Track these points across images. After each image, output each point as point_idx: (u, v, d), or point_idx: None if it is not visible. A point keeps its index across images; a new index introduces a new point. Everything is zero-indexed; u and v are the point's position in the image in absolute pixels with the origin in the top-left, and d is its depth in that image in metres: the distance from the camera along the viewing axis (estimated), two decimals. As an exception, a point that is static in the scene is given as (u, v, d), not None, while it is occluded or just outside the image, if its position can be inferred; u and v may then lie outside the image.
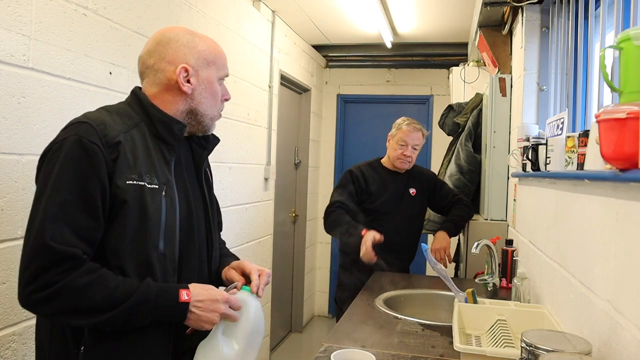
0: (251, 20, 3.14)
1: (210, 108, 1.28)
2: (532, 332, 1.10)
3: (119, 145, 1.12)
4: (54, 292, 1.02)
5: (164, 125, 1.22)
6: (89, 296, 1.05)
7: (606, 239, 1.08)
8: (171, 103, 1.23)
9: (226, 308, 1.18)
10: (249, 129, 3.14)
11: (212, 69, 1.27)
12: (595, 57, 1.74)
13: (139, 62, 1.27)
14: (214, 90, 1.28)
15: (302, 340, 4.36)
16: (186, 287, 1.15)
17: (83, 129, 1.10)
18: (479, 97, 3.19)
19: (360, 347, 1.45)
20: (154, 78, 1.23)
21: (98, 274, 1.07)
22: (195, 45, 1.24)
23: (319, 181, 4.95)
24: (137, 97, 1.24)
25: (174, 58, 1.22)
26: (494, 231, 2.57)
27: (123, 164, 1.11)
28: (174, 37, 1.24)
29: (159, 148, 1.21)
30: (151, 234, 1.14)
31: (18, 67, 1.47)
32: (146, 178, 1.14)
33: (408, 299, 2.16)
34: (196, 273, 1.28)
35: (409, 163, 2.61)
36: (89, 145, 1.08)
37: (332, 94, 4.96)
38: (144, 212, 1.13)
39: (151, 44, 1.25)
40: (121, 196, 1.10)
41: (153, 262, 1.14)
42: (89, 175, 1.07)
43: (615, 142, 0.87)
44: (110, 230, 1.11)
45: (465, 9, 3.28)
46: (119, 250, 1.11)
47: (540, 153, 1.72)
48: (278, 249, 3.87)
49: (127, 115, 1.20)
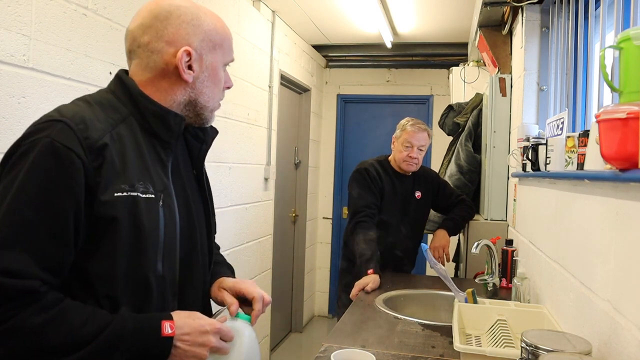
0: (251, 20, 3.14)
1: (212, 99, 1.08)
2: (532, 332, 1.10)
3: (105, 149, 0.92)
4: (3, 333, 0.83)
5: (158, 119, 1.01)
6: (46, 337, 0.85)
7: (606, 239, 1.08)
8: (167, 92, 1.03)
9: (217, 340, 0.98)
10: (249, 129, 3.14)
11: (218, 53, 1.06)
12: (595, 57, 1.74)
13: (128, 37, 1.04)
14: (217, 78, 1.08)
15: (302, 340, 4.36)
16: (169, 317, 0.95)
17: (57, 130, 0.89)
18: (479, 97, 3.19)
19: (360, 347, 1.45)
20: (148, 60, 1.01)
21: (58, 309, 0.86)
22: (200, 23, 1.03)
23: (319, 181, 4.95)
24: (124, 83, 1.02)
25: (175, 38, 1.00)
26: (494, 231, 2.57)
27: (110, 173, 0.92)
28: (174, 10, 1.01)
29: (153, 147, 1.02)
30: (148, 254, 0.96)
31: (18, 67, 1.47)
32: (139, 187, 0.95)
33: (408, 299, 2.16)
34: (200, 296, 1.11)
35: (416, 165, 2.54)
36: (64, 152, 0.87)
37: (332, 94, 4.96)
38: (138, 229, 0.94)
39: (146, 16, 1.01)
40: (108, 213, 0.90)
41: (151, 286, 0.97)
42: (60, 189, 0.87)
43: (615, 142, 0.87)
44: (97, 254, 0.92)
45: (465, 9, 3.28)
46: (109, 276, 0.93)
47: (540, 153, 1.72)
48: (278, 249, 3.87)
49: (111, 107, 0.99)
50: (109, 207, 0.91)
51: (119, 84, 1.03)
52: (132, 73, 1.04)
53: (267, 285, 3.56)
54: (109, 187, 0.91)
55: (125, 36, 1.05)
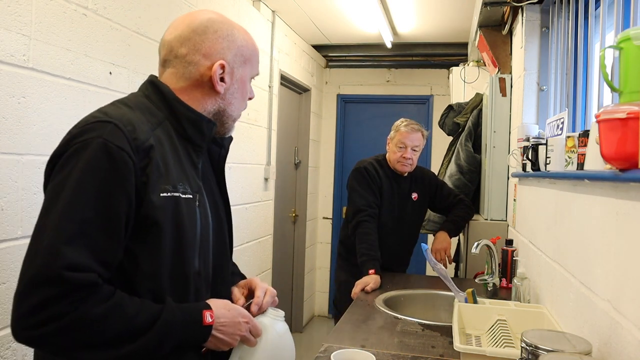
0: (251, 20, 3.14)
1: (238, 109, 1.15)
2: (532, 332, 1.10)
3: (151, 151, 0.96)
4: (65, 326, 0.86)
5: (192, 125, 1.06)
6: (106, 328, 0.89)
7: (606, 239, 1.08)
8: (199, 101, 1.08)
9: (246, 330, 1.05)
10: (249, 129, 3.14)
11: (248, 67, 1.14)
12: (595, 57, 1.74)
13: (164, 47, 1.08)
14: (245, 90, 1.15)
15: (302, 340, 4.36)
16: (208, 307, 1.01)
17: (109, 131, 0.92)
18: (479, 97, 3.19)
19: (360, 347, 1.45)
20: (184, 71, 1.06)
21: (114, 300, 0.91)
22: (234, 39, 1.09)
23: (319, 181, 4.95)
24: (159, 89, 1.07)
25: (211, 52, 1.06)
26: (494, 231, 2.57)
27: (155, 174, 0.95)
28: (211, 26, 1.07)
29: (186, 150, 1.07)
30: (187, 252, 1.01)
31: (18, 67, 1.47)
32: (180, 187, 1.00)
33: (408, 299, 2.16)
34: (227, 288, 1.17)
35: (410, 166, 2.53)
36: (117, 153, 0.91)
37: (332, 94, 4.96)
38: (180, 228, 0.99)
39: (183, 30, 1.06)
40: (155, 213, 0.95)
41: (189, 282, 1.02)
42: (115, 189, 0.91)
43: (615, 142, 0.87)
44: (144, 251, 0.96)
45: (465, 9, 3.28)
46: (156, 273, 0.97)
47: (540, 153, 1.72)
48: (278, 249, 3.87)
49: (149, 111, 1.03)
50: (155, 208, 0.95)
51: (153, 89, 1.07)
52: (165, 80, 1.08)
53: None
54: (155, 187, 0.95)
55: (162, 45, 1.09)
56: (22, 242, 1.48)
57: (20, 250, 1.46)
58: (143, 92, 1.08)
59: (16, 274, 1.13)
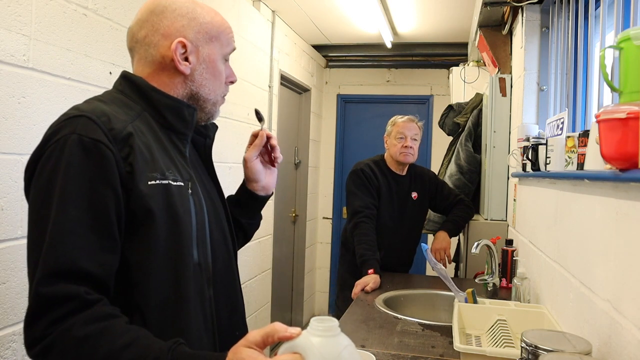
0: (251, 20, 3.14)
1: (213, 91, 1.07)
2: (532, 332, 1.10)
3: (130, 139, 0.91)
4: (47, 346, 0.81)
5: (172, 112, 1.02)
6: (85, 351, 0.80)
7: (606, 239, 1.08)
8: (168, 86, 1.03)
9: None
10: (249, 129, 3.14)
11: (215, 45, 1.06)
12: (595, 57, 1.74)
13: (128, 35, 1.05)
14: (216, 70, 1.07)
15: (302, 340, 4.36)
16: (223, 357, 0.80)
17: (82, 125, 0.88)
18: (479, 97, 3.19)
19: (360, 347, 1.45)
20: (146, 54, 1.02)
21: (104, 324, 0.82)
22: (196, 16, 1.03)
23: (319, 181, 4.95)
24: (132, 82, 1.02)
25: (170, 31, 1.01)
26: (494, 231, 2.57)
27: (139, 162, 0.91)
28: (170, 4, 1.02)
29: (170, 139, 1.03)
30: (183, 241, 0.96)
31: (18, 67, 1.47)
32: (169, 175, 0.96)
33: (408, 299, 2.16)
34: (232, 284, 1.11)
35: (412, 155, 2.53)
36: (94, 146, 0.87)
37: (332, 94, 4.96)
38: (174, 217, 0.94)
39: (143, 13, 1.03)
40: (145, 203, 0.90)
41: (189, 274, 0.96)
42: (98, 184, 0.87)
43: (615, 142, 0.87)
44: (134, 244, 0.91)
45: (465, 9, 3.28)
46: (148, 267, 0.92)
47: (540, 153, 1.72)
48: (278, 249, 3.87)
49: (125, 105, 0.99)
50: (144, 197, 0.91)
51: (126, 83, 1.03)
52: (135, 71, 1.05)
53: (267, 285, 3.55)
54: (142, 176, 0.91)
55: (127, 35, 1.06)
56: (22, 242, 1.48)
57: (20, 250, 1.46)
58: (117, 87, 1.04)
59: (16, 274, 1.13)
